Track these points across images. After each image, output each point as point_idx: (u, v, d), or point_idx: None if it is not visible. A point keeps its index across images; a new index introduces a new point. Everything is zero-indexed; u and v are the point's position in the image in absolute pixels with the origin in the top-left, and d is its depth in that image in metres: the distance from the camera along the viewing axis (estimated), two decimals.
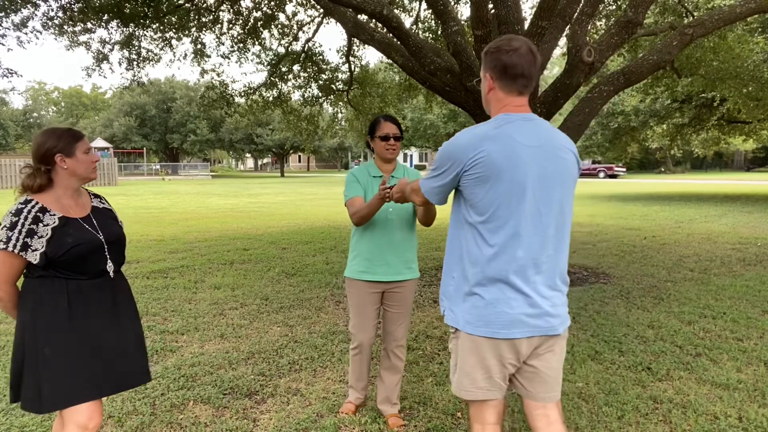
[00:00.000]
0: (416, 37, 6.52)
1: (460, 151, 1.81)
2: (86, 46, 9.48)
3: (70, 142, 2.11)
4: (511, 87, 1.87)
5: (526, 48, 1.84)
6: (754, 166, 51.52)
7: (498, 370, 1.89)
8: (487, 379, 1.90)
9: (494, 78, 1.88)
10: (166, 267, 7.42)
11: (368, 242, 2.94)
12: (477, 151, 1.78)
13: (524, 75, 1.85)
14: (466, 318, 1.87)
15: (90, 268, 2.12)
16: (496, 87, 1.89)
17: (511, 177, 1.77)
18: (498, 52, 1.86)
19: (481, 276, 1.83)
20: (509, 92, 1.88)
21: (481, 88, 1.97)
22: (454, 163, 1.83)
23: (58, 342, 2.05)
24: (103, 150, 39.95)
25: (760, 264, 7.38)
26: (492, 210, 1.79)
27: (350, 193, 2.92)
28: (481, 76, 1.96)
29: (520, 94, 1.88)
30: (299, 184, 35.49)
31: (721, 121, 19.94)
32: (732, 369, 3.73)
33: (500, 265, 1.81)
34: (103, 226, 2.20)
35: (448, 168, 1.85)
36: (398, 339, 3.04)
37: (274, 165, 74.30)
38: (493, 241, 1.81)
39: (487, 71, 1.90)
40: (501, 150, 1.77)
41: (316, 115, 12.93)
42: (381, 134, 2.92)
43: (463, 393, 1.95)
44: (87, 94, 72.97)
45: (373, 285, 2.96)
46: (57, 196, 2.12)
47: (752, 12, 6.31)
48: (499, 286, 1.82)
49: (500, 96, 1.89)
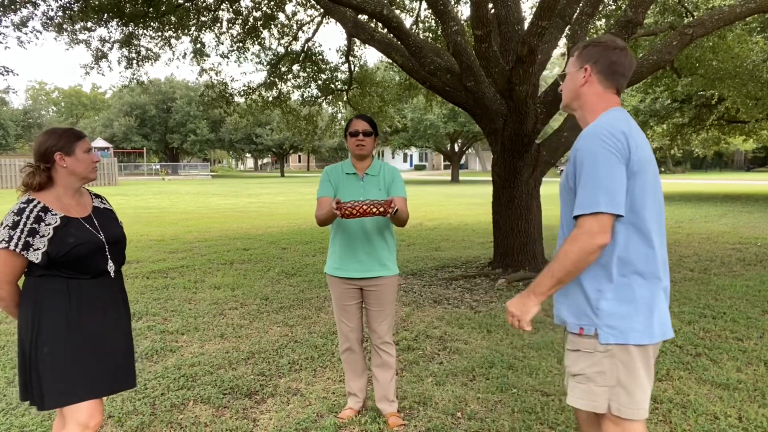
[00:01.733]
0: (416, 37, 6.52)
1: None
2: (86, 44, 9.48)
3: (70, 141, 2.11)
4: (612, 84, 1.86)
5: (629, 52, 1.86)
6: (754, 166, 51.52)
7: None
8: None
9: (596, 71, 1.85)
10: (166, 267, 7.42)
11: (341, 239, 2.97)
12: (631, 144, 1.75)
13: (625, 76, 1.86)
14: (633, 326, 1.73)
15: (91, 268, 2.13)
16: (595, 81, 1.86)
17: (655, 172, 1.79)
18: (605, 47, 1.84)
19: (645, 278, 1.76)
20: (608, 88, 1.86)
21: (569, 80, 1.92)
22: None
23: (59, 341, 2.05)
24: (103, 150, 39.96)
25: (760, 264, 7.38)
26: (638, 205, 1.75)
27: (320, 192, 2.97)
28: (570, 69, 1.92)
29: (617, 93, 1.88)
30: (299, 184, 35.49)
31: (721, 121, 19.94)
32: (732, 369, 3.73)
33: (657, 264, 1.77)
34: (104, 227, 2.21)
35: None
36: (382, 336, 3.04)
37: (274, 165, 74.29)
38: (649, 240, 1.77)
39: (587, 64, 1.86)
40: (646, 145, 1.77)
41: (315, 115, 12.93)
42: (350, 131, 2.95)
43: (633, 413, 1.76)
44: (87, 94, 72.92)
45: (347, 281, 2.98)
46: (58, 195, 2.12)
47: (752, 12, 6.32)
48: (657, 285, 1.77)
49: (599, 90, 1.86)
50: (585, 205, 1.68)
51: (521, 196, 6.43)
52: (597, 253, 1.69)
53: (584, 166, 1.71)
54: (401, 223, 2.87)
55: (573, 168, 1.77)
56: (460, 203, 18.62)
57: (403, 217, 2.85)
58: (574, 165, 1.76)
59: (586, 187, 1.69)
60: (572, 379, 1.83)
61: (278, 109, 12.27)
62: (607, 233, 1.68)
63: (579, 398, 1.80)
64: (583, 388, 1.78)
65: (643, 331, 1.72)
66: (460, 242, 9.60)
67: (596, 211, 1.66)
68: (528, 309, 1.80)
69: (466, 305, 5.43)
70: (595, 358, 1.75)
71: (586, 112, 1.89)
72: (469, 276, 6.60)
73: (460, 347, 4.21)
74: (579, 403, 1.80)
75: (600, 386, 1.75)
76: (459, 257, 7.99)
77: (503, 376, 3.63)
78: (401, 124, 32.15)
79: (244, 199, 21.13)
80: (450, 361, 3.93)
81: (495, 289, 6.01)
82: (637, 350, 1.73)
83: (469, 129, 33.74)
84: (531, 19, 5.04)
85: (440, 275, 6.82)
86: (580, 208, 1.69)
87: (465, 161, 62.42)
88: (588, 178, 1.69)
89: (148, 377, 3.67)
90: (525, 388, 3.43)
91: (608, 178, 1.67)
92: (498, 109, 6.11)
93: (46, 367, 2.04)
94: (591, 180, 1.68)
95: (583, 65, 1.87)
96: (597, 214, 1.67)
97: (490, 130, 6.40)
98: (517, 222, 6.49)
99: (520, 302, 1.82)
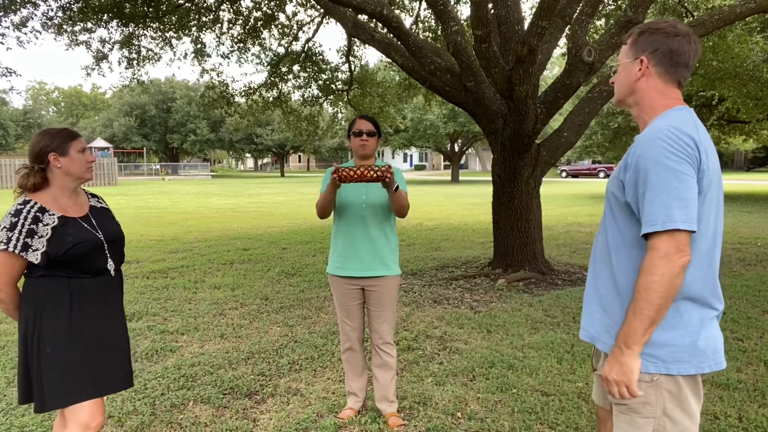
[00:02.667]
0: (416, 37, 6.53)
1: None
2: (86, 46, 9.49)
3: (64, 141, 2.11)
4: (673, 76, 1.60)
5: (694, 37, 1.59)
6: (754, 166, 51.49)
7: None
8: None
9: (654, 63, 1.59)
10: (166, 267, 7.42)
11: (343, 238, 2.98)
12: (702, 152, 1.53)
13: (688, 66, 1.60)
14: (678, 356, 1.54)
15: (91, 267, 2.13)
16: (654, 74, 1.60)
17: (720, 182, 1.59)
18: (664, 34, 1.58)
19: (695, 302, 1.56)
20: (669, 81, 1.61)
21: (621, 73, 1.68)
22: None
23: (60, 341, 2.06)
24: (103, 150, 39.92)
25: (760, 264, 7.38)
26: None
27: (323, 189, 2.98)
28: (623, 60, 1.67)
29: (679, 86, 1.62)
30: (299, 184, 35.49)
31: (721, 121, 19.94)
32: (732, 369, 3.73)
33: (710, 287, 1.57)
34: (102, 225, 2.21)
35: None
36: (383, 336, 3.04)
37: (274, 165, 74.30)
38: (703, 260, 1.56)
39: (643, 54, 1.61)
40: (715, 153, 1.56)
41: (316, 115, 12.94)
42: (354, 130, 2.97)
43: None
44: (87, 94, 72.92)
45: (349, 280, 2.99)
46: (54, 195, 2.12)
47: (752, 12, 6.32)
48: (709, 311, 1.57)
49: (659, 85, 1.61)
50: (657, 221, 1.45)
51: (521, 196, 6.43)
52: (682, 275, 1.46)
53: (649, 175, 1.47)
54: (401, 210, 2.88)
55: (633, 177, 1.52)
56: (460, 203, 18.62)
57: (403, 202, 2.86)
58: (635, 173, 1.51)
59: (656, 200, 1.45)
60: (615, 406, 1.64)
61: (279, 110, 12.29)
62: (687, 251, 1.45)
63: (620, 429, 1.63)
64: (625, 419, 1.60)
65: (690, 362, 1.53)
66: (460, 242, 9.60)
67: (672, 228, 1.43)
68: (632, 369, 1.51)
69: (466, 305, 5.43)
70: (639, 387, 1.54)
71: (644, 110, 1.64)
72: (469, 276, 6.60)
73: (460, 347, 4.21)
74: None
75: (644, 417, 1.57)
76: (459, 257, 7.99)
77: (503, 376, 3.63)
78: (402, 125, 32.15)
79: (244, 199, 21.13)
80: (450, 361, 3.93)
81: (495, 289, 6.01)
82: (685, 380, 1.55)
83: (469, 129, 33.73)
84: (531, 19, 5.04)
85: (440, 275, 6.82)
86: (651, 224, 1.46)
87: (465, 161, 62.42)
88: (657, 189, 1.46)
89: (148, 377, 3.67)
90: (525, 388, 3.43)
91: (681, 188, 1.44)
92: (498, 109, 6.11)
93: (49, 367, 2.04)
94: (661, 191, 1.45)
95: (638, 56, 1.62)
96: (672, 232, 1.44)
97: (490, 130, 6.40)
98: (517, 222, 6.50)
99: (618, 366, 1.52)
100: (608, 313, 1.63)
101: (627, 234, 1.59)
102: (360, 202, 2.93)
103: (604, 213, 1.72)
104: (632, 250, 1.57)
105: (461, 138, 37.66)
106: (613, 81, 1.73)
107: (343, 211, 2.96)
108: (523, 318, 4.94)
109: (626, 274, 1.59)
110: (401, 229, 11.40)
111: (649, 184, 1.47)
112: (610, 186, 1.66)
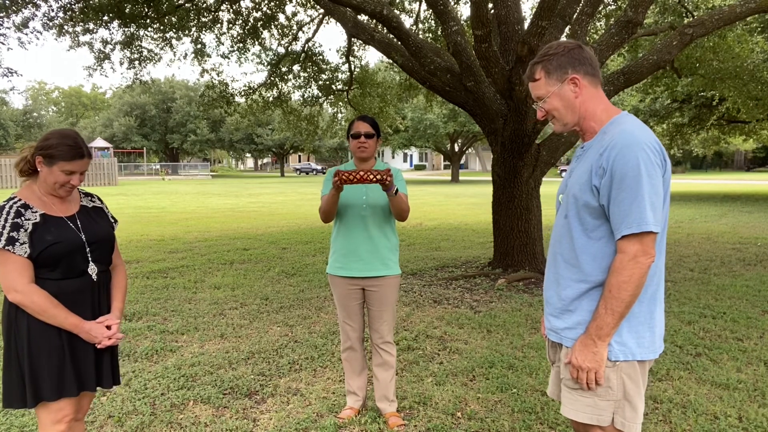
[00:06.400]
0: (416, 37, 6.52)
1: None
2: (89, 47, 9.50)
3: (60, 155, 2.05)
4: (597, 79, 1.73)
5: (584, 46, 1.77)
6: (754, 166, 51.52)
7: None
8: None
9: (585, 74, 1.71)
10: (166, 267, 7.42)
11: (343, 238, 2.98)
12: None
13: (598, 68, 1.75)
14: (641, 342, 1.70)
15: (69, 269, 2.09)
16: (587, 84, 1.72)
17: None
18: (568, 51, 1.71)
19: (651, 293, 1.71)
20: (597, 85, 1.74)
21: (555, 100, 1.74)
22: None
23: (37, 340, 2.04)
24: (103, 150, 39.92)
25: (760, 264, 7.38)
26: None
27: (324, 191, 2.97)
28: (548, 90, 1.74)
29: (601, 86, 1.75)
30: (299, 184, 35.49)
31: (720, 121, 19.95)
32: (732, 369, 3.73)
33: (660, 279, 1.72)
34: (87, 227, 2.17)
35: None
36: (383, 336, 3.05)
37: (274, 165, 74.29)
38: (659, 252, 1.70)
39: (573, 72, 1.71)
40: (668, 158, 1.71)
41: (316, 115, 12.94)
42: (353, 133, 2.96)
43: (634, 427, 1.71)
44: (87, 93, 72.89)
45: (349, 280, 2.99)
46: (39, 193, 2.11)
47: (752, 12, 6.32)
48: (660, 299, 1.73)
49: (592, 92, 1.73)
50: (633, 224, 1.58)
51: (521, 196, 6.43)
52: (647, 273, 1.62)
53: (627, 180, 1.58)
54: (401, 214, 2.89)
55: (608, 180, 1.61)
56: (460, 203, 18.62)
57: (403, 206, 2.86)
58: (610, 177, 1.61)
59: (633, 204, 1.58)
60: (571, 391, 1.75)
61: (279, 110, 12.29)
62: (653, 250, 1.61)
63: (581, 411, 1.73)
64: (587, 402, 1.72)
65: (649, 347, 1.70)
66: (460, 242, 9.60)
67: (646, 231, 1.57)
68: (601, 357, 1.66)
69: (466, 305, 5.44)
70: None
71: (588, 119, 1.75)
72: (469, 276, 6.60)
73: (460, 347, 4.21)
74: (581, 416, 1.73)
75: (605, 400, 1.70)
76: (459, 257, 7.99)
77: (503, 376, 3.63)
78: (402, 125, 32.16)
79: (244, 199, 21.13)
80: (450, 361, 3.93)
81: (495, 289, 6.01)
82: (641, 365, 1.71)
83: (469, 129, 33.74)
84: (531, 19, 5.05)
85: (440, 275, 6.82)
86: (627, 227, 1.59)
87: (465, 161, 62.43)
88: (633, 194, 1.57)
89: (148, 377, 3.67)
90: (525, 388, 3.44)
91: (654, 193, 1.58)
92: (498, 109, 6.12)
93: (24, 366, 2.04)
94: (637, 195, 1.57)
95: (564, 78, 1.71)
96: (641, 235, 1.58)
97: (490, 130, 6.40)
98: (517, 222, 6.50)
99: (589, 354, 1.67)
100: (574, 309, 1.75)
101: (594, 235, 1.70)
102: (360, 202, 2.93)
103: (560, 218, 1.80)
104: (601, 250, 1.70)
105: (461, 138, 37.67)
106: (544, 116, 1.80)
107: (344, 212, 2.97)
108: (523, 318, 4.94)
109: (595, 274, 1.71)
110: (401, 229, 11.41)
111: (626, 189, 1.58)
112: (573, 190, 1.73)
